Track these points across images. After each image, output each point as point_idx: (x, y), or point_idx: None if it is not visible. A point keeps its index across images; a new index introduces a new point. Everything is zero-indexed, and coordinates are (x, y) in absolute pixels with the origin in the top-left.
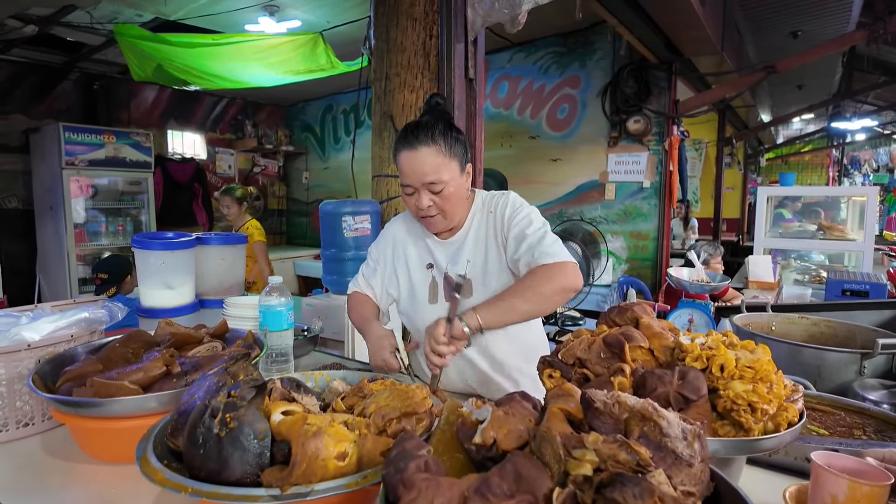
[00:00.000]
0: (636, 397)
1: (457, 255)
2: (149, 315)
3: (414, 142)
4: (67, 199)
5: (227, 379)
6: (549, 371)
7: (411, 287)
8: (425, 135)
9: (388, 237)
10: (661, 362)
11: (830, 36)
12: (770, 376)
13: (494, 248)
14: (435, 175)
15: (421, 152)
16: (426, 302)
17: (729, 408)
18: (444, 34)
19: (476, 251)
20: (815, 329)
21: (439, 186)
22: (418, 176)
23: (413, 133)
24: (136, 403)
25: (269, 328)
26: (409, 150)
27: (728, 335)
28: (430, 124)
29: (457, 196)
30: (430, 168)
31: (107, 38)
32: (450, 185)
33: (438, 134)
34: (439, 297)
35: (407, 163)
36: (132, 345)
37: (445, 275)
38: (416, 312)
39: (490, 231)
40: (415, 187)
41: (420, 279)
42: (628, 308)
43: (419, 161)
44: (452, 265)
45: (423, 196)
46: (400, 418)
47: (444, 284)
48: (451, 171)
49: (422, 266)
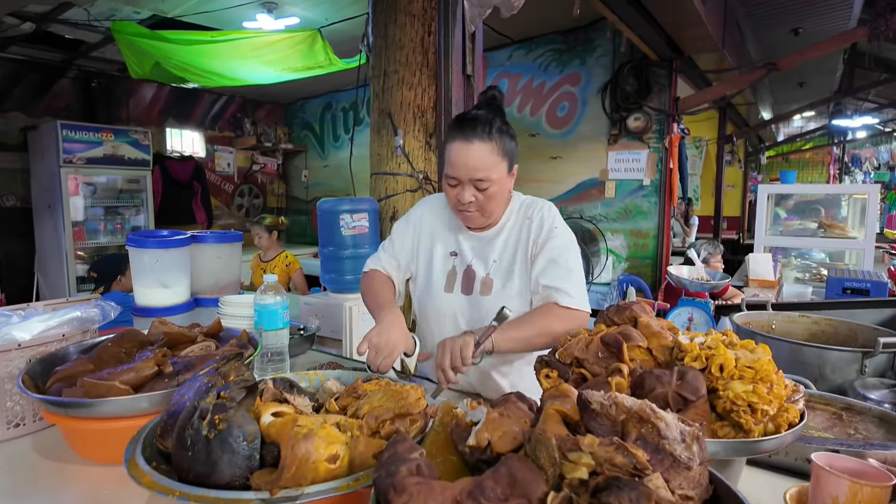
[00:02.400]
0: (634, 398)
1: (485, 251)
2: (143, 314)
3: (470, 135)
4: (66, 198)
5: (217, 379)
6: (547, 371)
7: (430, 271)
8: (483, 129)
9: (417, 216)
10: (659, 362)
11: (831, 33)
12: (770, 376)
13: (523, 255)
14: (484, 172)
15: (474, 147)
16: (441, 289)
17: (729, 408)
18: (442, 30)
19: (504, 253)
20: (816, 328)
21: (486, 184)
22: (467, 170)
23: (470, 126)
24: (126, 404)
25: (265, 327)
26: (462, 142)
27: (728, 334)
28: (489, 120)
29: (500, 195)
30: (482, 165)
31: (105, 36)
32: (496, 185)
33: (495, 131)
34: (455, 288)
35: (458, 155)
36: (125, 344)
37: (468, 268)
38: (428, 297)
39: (523, 238)
40: (460, 180)
41: (440, 265)
42: (627, 307)
43: (471, 156)
44: (478, 260)
45: (467, 191)
46: (393, 419)
47: (463, 277)
48: (500, 170)
49: (445, 253)
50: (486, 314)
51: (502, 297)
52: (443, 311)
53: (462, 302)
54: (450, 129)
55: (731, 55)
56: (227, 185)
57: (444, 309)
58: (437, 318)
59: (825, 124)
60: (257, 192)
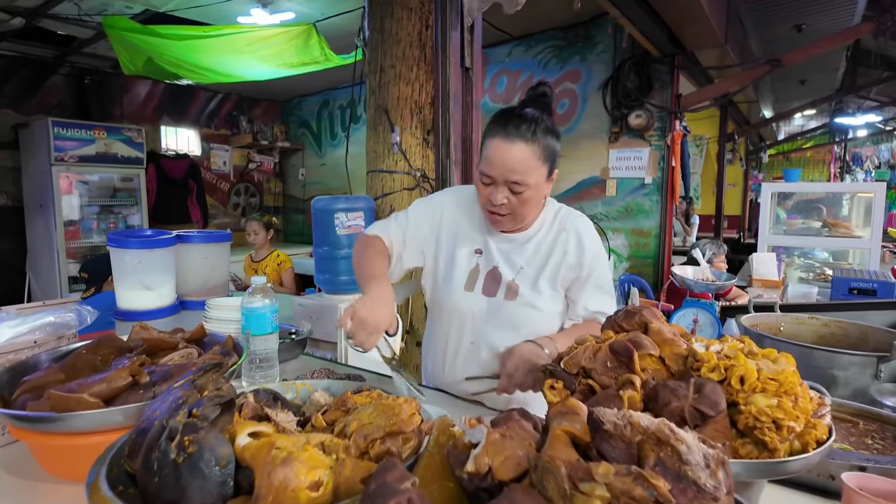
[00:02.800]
0: (650, 416)
1: (512, 255)
2: (125, 318)
3: (513, 133)
4: (57, 196)
5: (192, 394)
6: (551, 381)
7: (450, 266)
8: (527, 129)
9: (441, 203)
10: (672, 372)
11: (835, 29)
12: (795, 388)
13: (553, 267)
14: (522, 175)
15: (516, 147)
16: (461, 287)
17: (751, 425)
18: (439, 21)
19: (533, 261)
20: (826, 330)
21: (521, 188)
22: (504, 171)
23: (515, 123)
24: (96, 418)
25: (252, 332)
26: (503, 139)
27: (745, 341)
28: (535, 119)
29: (535, 201)
30: (520, 167)
31: (97, 32)
32: (532, 189)
33: (540, 133)
34: (476, 287)
35: (497, 153)
36: (101, 351)
37: (494, 269)
38: (446, 294)
39: (557, 250)
40: (495, 180)
41: (463, 261)
42: (636, 312)
43: (511, 156)
44: (505, 263)
45: (501, 191)
46: (384, 438)
47: (486, 278)
48: (539, 175)
49: (470, 249)
50: (507, 319)
51: (526, 306)
52: (460, 310)
53: (482, 303)
54: (492, 123)
55: (733, 51)
56: (223, 184)
57: (461, 308)
58: (454, 316)
59: (826, 122)
60: (254, 190)
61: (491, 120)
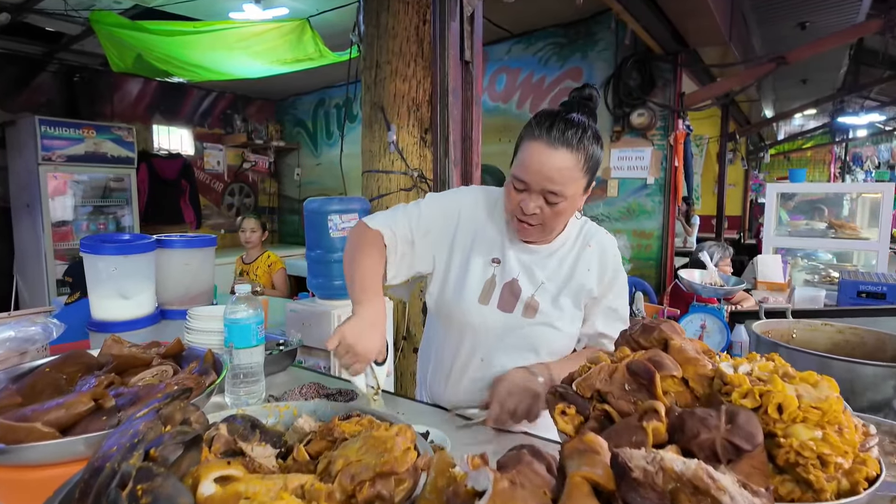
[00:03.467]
0: (684, 459)
1: (534, 268)
2: (100, 329)
3: (558, 139)
4: (45, 196)
5: (153, 427)
6: (562, 406)
7: (464, 273)
8: (574, 136)
9: (458, 202)
10: (697, 395)
11: (839, 27)
12: (839, 417)
13: (577, 285)
14: (560, 186)
15: (559, 154)
16: (475, 299)
17: (793, 461)
18: (438, 11)
19: (555, 275)
20: (841, 337)
21: (558, 199)
22: (542, 179)
23: (560, 128)
24: (49, 450)
25: (236, 345)
26: (546, 145)
27: (776, 360)
28: (582, 126)
29: (568, 214)
30: (560, 176)
31: (86, 28)
32: (568, 202)
33: (587, 142)
34: (492, 300)
35: (535, 157)
36: (67, 369)
37: (513, 282)
38: (457, 305)
39: (581, 266)
40: (530, 187)
41: (478, 271)
42: (654, 326)
43: (551, 163)
44: (525, 277)
45: (535, 200)
46: (374, 480)
47: (503, 291)
48: (578, 187)
49: (487, 258)
50: (524, 338)
51: (546, 325)
52: (473, 324)
53: (497, 318)
54: (534, 125)
55: (737, 49)
56: (217, 184)
57: (474, 322)
58: (464, 330)
59: (827, 122)
60: (248, 190)
61: (532, 120)
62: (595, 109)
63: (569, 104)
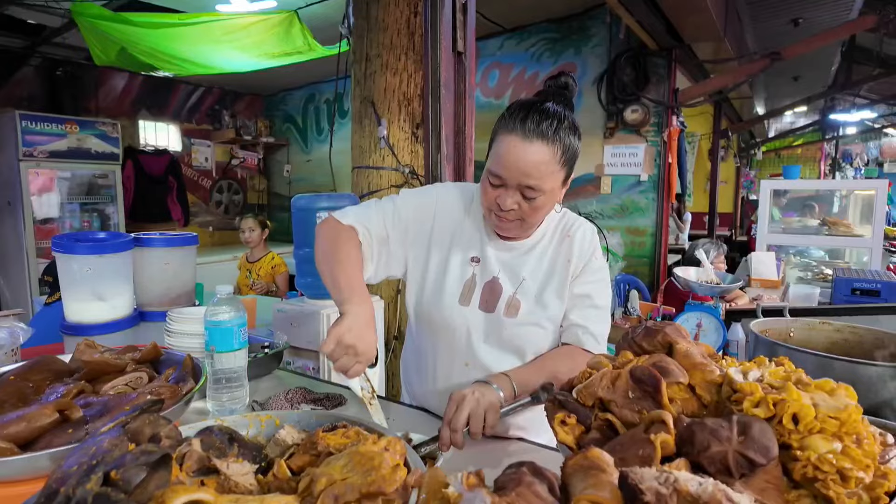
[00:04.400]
0: (699, 479)
1: (515, 264)
2: (74, 332)
3: (533, 131)
4: (26, 193)
5: (118, 444)
6: (562, 415)
7: (442, 274)
8: (549, 127)
9: (437, 197)
10: (705, 403)
11: (832, 24)
12: (858, 427)
13: (559, 278)
14: (537, 180)
15: (534, 147)
16: (455, 301)
17: (811, 475)
18: (429, 1)
19: (537, 271)
20: (839, 336)
21: (535, 193)
22: (518, 174)
23: (535, 119)
24: (8, 467)
25: (217, 348)
26: (521, 138)
27: (787, 364)
28: (558, 116)
29: (547, 208)
30: (536, 171)
31: (68, 20)
32: (546, 196)
33: (563, 132)
34: (473, 301)
35: (510, 152)
36: (34, 376)
37: (493, 280)
38: (437, 307)
39: (561, 258)
40: (506, 182)
41: (457, 271)
42: (658, 330)
43: (526, 157)
44: (506, 274)
45: (511, 196)
46: (360, 501)
47: (484, 290)
48: (555, 180)
49: (465, 257)
50: (508, 338)
51: (529, 323)
52: (454, 326)
53: (479, 318)
54: (507, 117)
55: (731, 45)
56: (205, 181)
57: (455, 323)
58: (446, 332)
59: (817, 120)
60: (237, 187)
61: (505, 112)
62: (572, 98)
63: (544, 94)
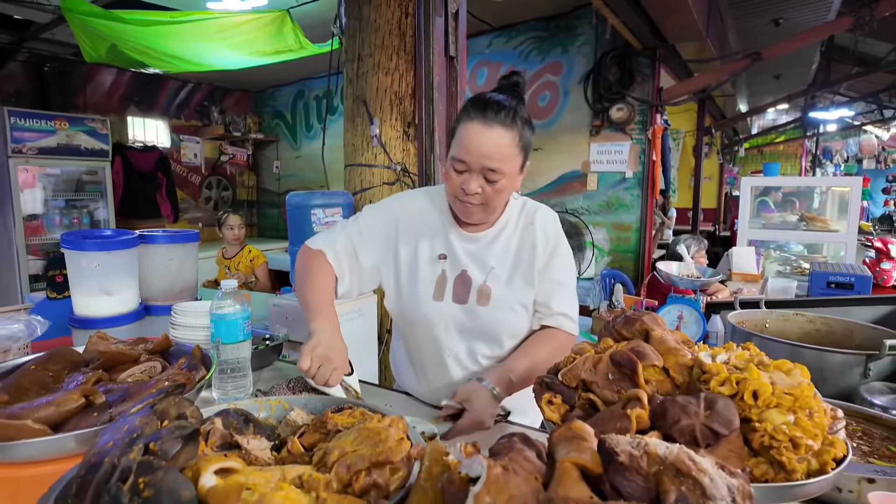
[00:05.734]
0: (667, 444)
1: (482, 254)
2: (83, 325)
3: (492, 118)
4: (15, 190)
5: (149, 422)
6: (549, 396)
7: (414, 277)
8: (507, 115)
9: (397, 210)
10: (678, 384)
11: (812, 24)
12: (810, 403)
13: (527, 263)
14: (499, 163)
15: (494, 132)
16: (430, 297)
17: (767, 444)
18: (423, 6)
19: (504, 258)
20: (811, 327)
21: (497, 176)
22: (481, 157)
23: (494, 109)
24: (41, 447)
25: (223, 340)
26: (482, 124)
27: (752, 349)
28: (513, 108)
29: (508, 191)
30: (498, 154)
31: (56, 16)
32: (507, 179)
33: (519, 121)
34: (446, 295)
35: (474, 138)
36: (52, 366)
37: (463, 273)
38: (414, 307)
39: (526, 244)
40: (470, 167)
41: (427, 270)
42: (637, 318)
43: (489, 142)
44: (474, 265)
45: (475, 180)
46: (370, 469)
47: (455, 284)
48: (514, 164)
49: (432, 255)
50: (483, 325)
51: (502, 308)
52: (432, 322)
53: (455, 311)
54: (468, 109)
55: (713, 45)
56: (194, 177)
57: (433, 319)
58: (426, 329)
59: (798, 117)
60: (226, 184)
61: (466, 104)
62: (523, 95)
63: (498, 89)
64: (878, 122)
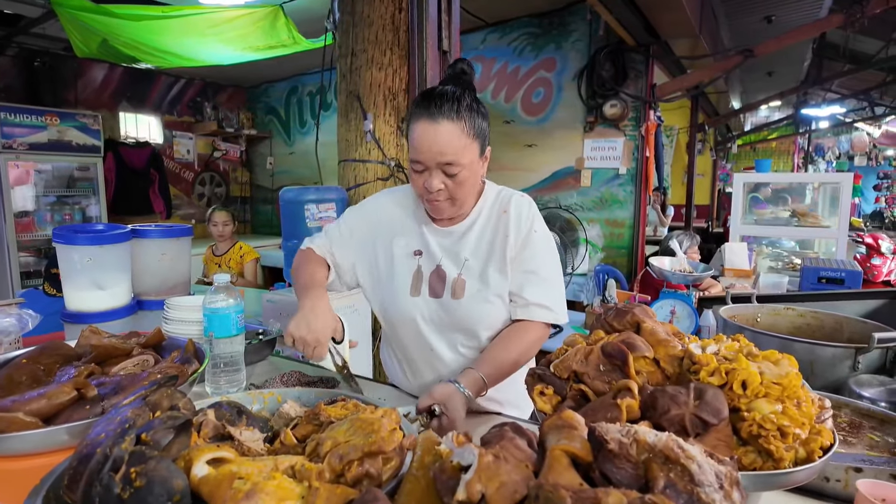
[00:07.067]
0: (656, 432)
1: (455, 247)
2: (75, 320)
3: (436, 114)
4: (6, 186)
5: (141, 413)
6: (541, 387)
7: (392, 274)
8: (450, 108)
9: (374, 210)
10: (668, 375)
11: (803, 21)
12: (798, 392)
13: (500, 253)
14: (453, 156)
15: (442, 127)
16: (407, 293)
17: (755, 433)
18: (416, 1)
19: (477, 250)
20: (802, 321)
21: (455, 169)
22: (434, 154)
23: (437, 103)
24: (32, 440)
25: (216, 334)
26: (428, 121)
27: (741, 340)
28: (458, 96)
29: (472, 182)
30: (450, 148)
31: (46, 10)
32: (467, 169)
33: (465, 109)
34: (423, 290)
35: (424, 137)
36: (44, 360)
37: (438, 268)
38: (393, 304)
39: (500, 234)
40: (427, 165)
41: (404, 267)
42: (628, 311)
43: (439, 138)
44: (448, 259)
45: (436, 177)
46: (362, 459)
47: (430, 279)
48: (471, 153)
49: (409, 252)
50: (458, 319)
51: (476, 301)
52: (411, 317)
53: (431, 306)
54: (413, 108)
55: (706, 42)
56: (187, 173)
57: (412, 315)
58: (407, 324)
59: (791, 114)
60: (219, 180)
61: (412, 104)
62: (471, 81)
63: (444, 80)
64: (870, 120)
